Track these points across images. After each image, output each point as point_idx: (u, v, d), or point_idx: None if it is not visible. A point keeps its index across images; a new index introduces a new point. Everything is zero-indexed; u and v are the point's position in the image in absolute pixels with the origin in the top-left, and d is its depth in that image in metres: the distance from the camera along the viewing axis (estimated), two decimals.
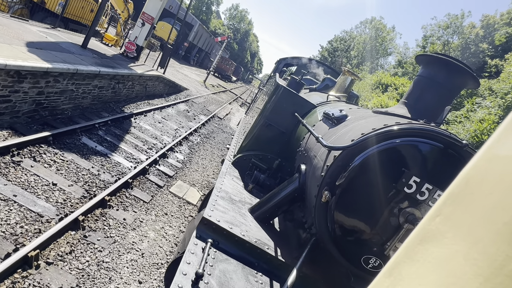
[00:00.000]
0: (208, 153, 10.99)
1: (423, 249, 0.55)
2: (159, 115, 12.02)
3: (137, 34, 13.13)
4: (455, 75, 3.05)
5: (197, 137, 12.00)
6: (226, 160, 5.04)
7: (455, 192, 0.54)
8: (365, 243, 2.67)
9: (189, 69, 38.67)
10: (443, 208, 0.55)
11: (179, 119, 13.10)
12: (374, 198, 2.58)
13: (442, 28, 40.04)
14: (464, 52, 39.39)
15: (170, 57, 17.31)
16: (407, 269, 0.56)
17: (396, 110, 3.33)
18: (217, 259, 2.64)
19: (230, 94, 35.96)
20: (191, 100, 18.17)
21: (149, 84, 12.89)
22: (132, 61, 12.73)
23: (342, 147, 2.70)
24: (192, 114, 15.33)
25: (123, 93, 10.81)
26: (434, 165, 2.52)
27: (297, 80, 5.49)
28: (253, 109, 10.41)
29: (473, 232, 0.48)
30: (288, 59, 11.19)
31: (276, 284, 2.77)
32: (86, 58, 8.77)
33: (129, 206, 5.68)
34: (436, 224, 0.55)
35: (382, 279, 0.61)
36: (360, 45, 57.84)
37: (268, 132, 4.92)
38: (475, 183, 0.52)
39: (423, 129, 2.55)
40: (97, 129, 7.77)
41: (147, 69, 13.06)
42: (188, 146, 10.52)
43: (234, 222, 3.07)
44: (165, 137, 10.13)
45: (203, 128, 13.81)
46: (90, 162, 6.31)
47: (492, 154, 0.51)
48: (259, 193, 4.35)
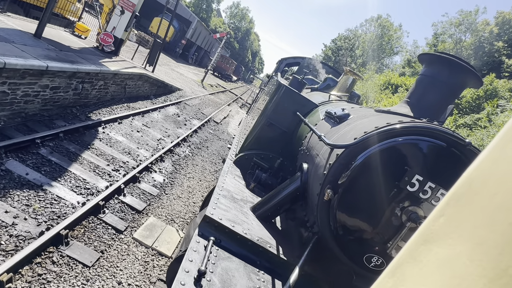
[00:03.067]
0: (198, 169, 8.86)
1: (427, 249, 0.55)
2: (140, 122, 9.90)
3: (115, 24, 10.96)
4: (458, 74, 3.03)
5: (185, 148, 9.88)
6: (227, 159, 5.01)
7: (459, 193, 0.55)
8: (368, 241, 2.63)
9: (187, 68, 36.54)
10: (446, 209, 0.56)
11: (166, 126, 10.98)
12: (377, 197, 2.54)
13: (454, 25, 37.81)
14: (478, 50, 37.19)
15: (159, 53, 15.20)
16: (410, 270, 0.57)
17: (399, 109, 3.31)
18: (219, 257, 2.61)
19: (230, 95, 33.80)
20: (184, 102, 16.04)
21: (130, 83, 10.78)
22: (108, 56, 10.61)
23: (345, 145, 2.68)
24: (183, 118, 13.20)
25: (92, 95, 8.70)
26: (437, 163, 2.47)
27: (299, 79, 5.54)
28: (254, 109, 10.10)
29: (478, 233, 0.48)
30: (290, 59, 11.10)
31: (278, 282, 2.74)
32: (33, 50, 6.64)
33: (54, 279, 3.55)
34: (440, 224, 0.55)
35: (385, 279, 0.61)
36: (365, 43, 55.75)
37: (270, 131, 4.90)
38: (479, 184, 0.52)
39: (426, 128, 2.53)
40: (39, 146, 5.64)
41: (127, 66, 10.95)
42: (172, 162, 8.40)
43: (236, 220, 3.04)
44: (142, 151, 8.01)
45: (194, 136, 11.68)
46: (6, 203, 4.18)
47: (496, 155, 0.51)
48: (260, 192, 4.32)
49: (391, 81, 33.63)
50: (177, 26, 39.30)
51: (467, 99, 26.95)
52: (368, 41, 55.36)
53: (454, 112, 25.18)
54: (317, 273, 2.95)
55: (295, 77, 5.62)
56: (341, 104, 4.64)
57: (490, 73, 25.41)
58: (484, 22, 35.87)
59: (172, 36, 38.31)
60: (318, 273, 2.97)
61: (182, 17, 40.09)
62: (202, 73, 34.38)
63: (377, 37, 54.92)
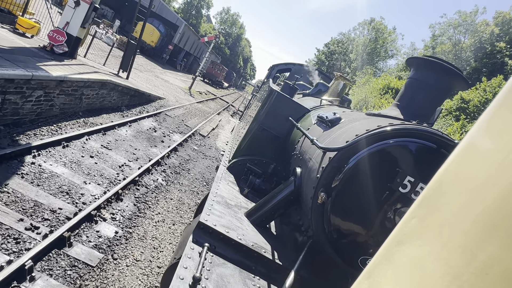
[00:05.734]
0: (172, 206, 6.62)
1: (400, 250, 0.56)
2: (98, 142, 7.63)
3: (68, 18, 8.68)
4: (445, 76, 3.09)
5: (158, 175, 7.63)
6: (221, 165, 4.99)
7: (429, 195, 0.56)
8: (362, 244, 2.64)
9: (174, 74, 34.30)
10: (418, 210, 0.57)
11: (136, 145, 8.72)
12: (370, 199, 2.56)
13: (453, 27, 36.37)
14: (478, 51, 35.78)
15: (134, 56, 12.98)
16: (384, 271, 0.57)
17: (389, 112, 3.35)
18: (214, 263, 2.59)
19: (220, 102, 31.61)
20: (165, 113, 13.78)
21: (89, 93, 8.53)
22: (58, 59, 8.34)
23: (337, 148, 2.70)
24: (161, 133, 10.95)
25: (26, 110, 6.43)
26: (427, 164, 2.50)
27: (290, 85, 5.68)
28: (246, 116, 10.00)
29: (445, 232, 0.50)
30: (281, 65, 11.11)
31: (274, 287, 2.71)
32: None
33: None
34: (412, 226, 0.56)
35: (362, 280, 0.62)
36: (359, 47, 54.37)
37: (263, 137, 4.90)
38: (446, 185, 0.54)
39: (416, 130, 2.57)
40: None
41: (86, 71, 8.69)
42: (134, 199, 6.14)
43: (230, 226, 3.03)
44: (91, 186, 5.75)
45: (173, 156, 9.44)
46: None
47: (462, 158, 0.54)
48: (254, 197, 4.27)
49: (390, 85, 31.97)
50: (163, 30, 37.15)
51: (474, 103, 25.18)
52: (362, 45, 54.02)
53: (461, 117, 23.42)
54: (312, 277, 2.92)
55: (287, 83, 5.75)
56: (333, 109, 4.74)
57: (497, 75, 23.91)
58: (484, 22, 34.54)
59: (158, 41, 36.13)
60: (314, 277, 2.94)
61: (168, 21, 37.94)
62: (191, 80, 32.14)
63: (371, 40, 53.61)
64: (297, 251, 3.17)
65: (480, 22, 35.14)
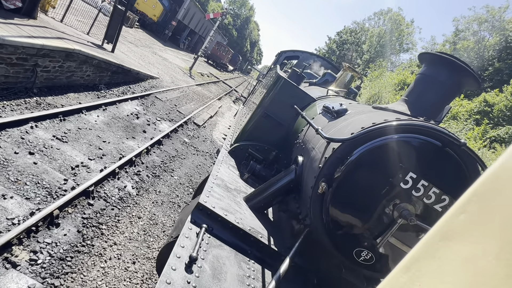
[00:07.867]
0: (137, 230, 4.74)
1: (445, 246, 0.54)
2: (50, 132, 5.71)
3: None
4: (457, 74, 3.04)
5: (127, 181, 5.74)
6: (222, 149, 4.97)
7: (482, 190, 0.54)
8: (358, 236, 2.64)
9: (175, 53, 32.00)
10: (468, 206, 0.54)
11: (106, 136, 6.80)
12: (370, 192, 2.55)
13: (479, 22, 33.70)
14: (502, 51, 33.25)
15: (121, 25, 10.89)
16: (427, 266, 0.56)
17: (396, 106, 3.31)
18: (211, 244, 2.58)
19: (223, 86, 29.44)
20: (154, 96, 11.78)
21: (47, 65, 6.55)
22: (7, 16, 6.31)
23: (342, 139, 2.68)
24: (144, 121, 8.99)
25: None
26: (431, 162, 2.48)
27: (298, 72, 5.50)
28: (250, 102, 9.90)
29: (505, 232, 0.48)
30: (289, 52, 11.04)
31: (268, 272, 2.74)
32: None
33: None
34: (460, 222, 0.54)
35: (399, 274, 0.60)
36: (373, 38, 51.56)
37: (266, 123, 4.89)
38: (503, 182, 0.51)
39: (422, 126, 2.53)
40: None
41: (44, 35, 6.67)
42: (81, 220, 4.27)
43: (229, 209, 3.01)
44: (10, 203, 3.87)
45: (155, 152, 7.53)
46: None
47: None
48: (254, 183, 4.29)
49: (406, 81, 29.79)
50: (167, 4, 34.60)
51: (499, 107, 23.10)
52: (376, 36, 51.21)
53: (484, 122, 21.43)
54: (307, 265, 2.93)
55: (294, 70, 5.53)
56: (339, 99, 4.73)
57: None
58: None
59: (160, 15, 33.63)
60: (308, 265, 2.95)
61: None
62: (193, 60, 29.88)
63: (386, 32, 50.79)
64: (293, 238, 3.20)
65: (509, 19, 32.51)
